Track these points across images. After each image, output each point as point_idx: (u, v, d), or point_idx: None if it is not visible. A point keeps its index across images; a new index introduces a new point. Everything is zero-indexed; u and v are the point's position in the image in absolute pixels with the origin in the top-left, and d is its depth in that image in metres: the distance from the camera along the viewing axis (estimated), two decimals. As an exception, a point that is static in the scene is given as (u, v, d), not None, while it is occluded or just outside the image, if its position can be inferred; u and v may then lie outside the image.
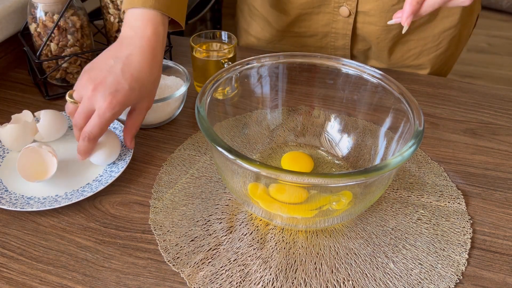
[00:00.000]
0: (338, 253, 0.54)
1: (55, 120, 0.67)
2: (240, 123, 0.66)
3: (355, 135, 0.66)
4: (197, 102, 0.54)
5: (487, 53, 2.53)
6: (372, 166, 0.50)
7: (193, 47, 0.76)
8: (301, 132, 0.69)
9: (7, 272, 0.52)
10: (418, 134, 0.50)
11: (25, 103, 0.78)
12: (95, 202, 0.60)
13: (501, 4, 2.86)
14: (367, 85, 0.61)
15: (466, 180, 0.65)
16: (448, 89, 0.83)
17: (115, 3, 0.80)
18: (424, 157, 0.68)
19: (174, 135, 0.71)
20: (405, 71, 0.89)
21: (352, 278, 0.52)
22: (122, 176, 0.64)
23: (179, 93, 0.70)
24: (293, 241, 0.55)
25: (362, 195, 0.52)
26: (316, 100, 0.68)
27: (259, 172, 0.46)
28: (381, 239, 0.56)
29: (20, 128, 0.64)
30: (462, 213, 0.59)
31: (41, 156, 0.62)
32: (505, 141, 0.72)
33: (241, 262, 0.53)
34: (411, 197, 0.61)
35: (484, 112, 0.78)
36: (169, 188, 0.62)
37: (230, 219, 0.58)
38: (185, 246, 0.54)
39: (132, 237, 0.56)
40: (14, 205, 0.57)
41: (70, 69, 0.80)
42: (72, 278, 0.51)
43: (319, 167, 0.65)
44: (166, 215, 0.58)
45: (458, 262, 0.53)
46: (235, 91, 0.64)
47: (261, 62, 0.63)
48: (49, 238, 0.56)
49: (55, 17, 0.75)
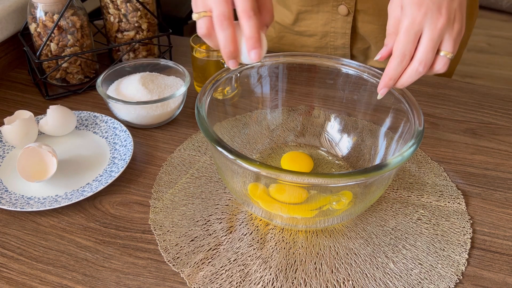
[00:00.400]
0: (338, 253, 0.54)
1: (65, 116, 0.68)
2: (240, 123, 0.66)
3: (355, 135, 0.66)
4: (197, 102, 0.54)
5: (487, 53, 2.53)
6: (372, 166, 0.50)
7: (193, 47, 0.76)
8: (301, 132, 0.69)
9: (7, 272, 0.52)
10: (418, 134, 0.50)
11: (25, 103, 0.78)
12: (95, 202, 0.60)
13: (501, 4, 2.86)
14: (367, 85, 0.61)
15: (466, 180, 0.65)
16: (448, 89, 0.83)
17: (115, 3, 0.80)
18: (424, 157, 0.68)
19: (174, 135, 0.71)
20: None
21: (352, 278, 0.52)
22: (122, 176, 0.64)
23: (179, 93, 0.70)
24: (293, 241, 0.55)
25: (362, 195, 0.52)
26: (316, 100, 0.68)
27: (259, 172, 0.46)
28: (381, 239, 0.56)
29: (24, 124, 0.65)
30: (462, 213, 0.59)
31: (41, 156, 0.62)
32: (505, 141, 0.72)
33: (241, 262, 0.53)
34: (411, 197, 0.61)
35: (484, 112, 0.78)
36: (169, 188, 0.62)
37: (230, 219, 0.58)
38: (185, 246, 0.54)
39: (132, 237, 0.56)
40: (14, 205, 0.57)
41: (70, 69, 0.81)
42: (72, 278, 0.51)
43: (319, 167, 0.65)
44: (166, 215, 0.58)
45: (458, 262, 0.53)
46: (235, 91, 0.64)
47: (261, 62, 0.63)
48: (49, 238, 0.56)
49: (55, 17, 0.75)
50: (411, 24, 0.49)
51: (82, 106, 0.77)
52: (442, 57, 0.51)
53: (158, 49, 0.89)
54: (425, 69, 0.51)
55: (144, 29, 0.83)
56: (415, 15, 0.48)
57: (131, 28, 0.82)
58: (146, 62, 0.78)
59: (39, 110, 0.75)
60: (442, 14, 0.49)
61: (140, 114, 0.69)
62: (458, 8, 0.50)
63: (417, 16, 0.48)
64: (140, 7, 0.80)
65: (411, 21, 0.49)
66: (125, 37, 0.83)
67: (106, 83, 0.74)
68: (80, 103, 0.78)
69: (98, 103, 0.78)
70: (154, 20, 0.84)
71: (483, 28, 2.68)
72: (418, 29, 0.49)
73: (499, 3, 2.86)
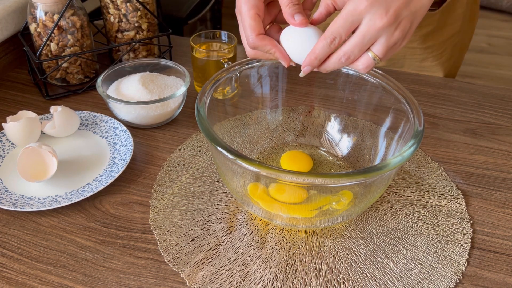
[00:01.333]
0: (338, 253, 0.54)
1: (70, 117, 0.68)
2: (240, 123, 0.66)
3: (355, 135, 0.66)
4: (197, 102, 0.54)
5: (487, 53, 2.53)
6: (372, 166, 0.50)
7: (193, 47, 0.76)
8: (301, 132, 0.69)
9: (7, 272, 0.52)
10: (418, 134, 0.50)
11: (25, 103, 0.78)
12: (95, 202, 0.60)
13: (501, 4, 2.86)
14: (367, 85, 0.61)
15: (466, 180, 0.65)
16: (448, 89, 0.83)
17: (115, 3, 0.80)
18: (424, 157, 0.68)
19: (174, 135, 0.71)
20: (405, 71, 0.89)
21: (352, 278, 0.52)
22: (122, 176, 0.64)
23: (179, 93, 0.70)
24: (293, 241, 0.55)
25: (362, 195, 0.52)
26: (316, 100, 0.68)
27: (259, 172, 0.46)
28: (381, 239, 0.56)
29: (29, 123, 0.65)
30: (462, 213, 0.59)
31: (41, 156, 0.62)
32: (505, 141, 0.72)
33: (241, 262, 0.53)
34: (411, 197, 0.61)
35: (484, 112, 0.78)
36: (169, 188, 0.62)
37: (230, 219, 0.58)
38: (185, 246, 0.54)
39: (132, 237, 0.56)
40: (14, 205, 0.57)
41: (70, 69, 0.81)
42: (72, 278, 0.51)
43: (319, 167, 0.65)
44: (166, 215, 0.58)
45: (458, 262, 0.53)
46: (235, 91, 0.64)
47: (261, 62, 0.63)
48: (49, 238, 0.56)
49: (55, 17, 0.75)
50: (352, 11, 0.46)
51: (82, 106, 0.77)
52: (368, 57, 0.48)
53: (158, 49, 0.89)
54: (347, 62, 0.48)
55: (144, 29, 0.83)
56: (360, 2, 0.45)
57: (131, 28, 0.82)
58: (146, 62, 0.78)
59: (39, 110, 0.75)
60: (387, 15, 0.45)
61: (140, 114, 0.69)
62: (408, 18, 0.47)
63: (361, 4, 0.45)
64: (140, 7, 0.80)
65: (353, 7, 0.46)
66: (125, 37, 0.83)
67: (106, 83, 0.74)
68: (80, 103, 0.78)
69: (98, 103, 0.78)
70: (154, 20, 0.84)
71: (483, 28, 2.68)
72: (357, 18, 0.46)
73: (499, 3, 2.86)
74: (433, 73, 0.90)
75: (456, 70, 0.96)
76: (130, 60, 0.78)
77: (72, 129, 0.69)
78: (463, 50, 0.93)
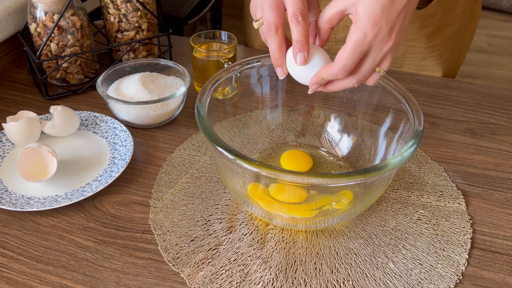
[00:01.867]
0: (338, 253, 0.54)
1: (70, 117, 0.68)
2: (240, 123, 0.66)
3: (355, 135, 0.66)
4: (197, 102, 0.54)
5: (487, 53, 2.53)
6: (372, 166, 0.50)
7: (193, 47, 0.76)
8: (301, 132, 0.69)
9: (7, 272, 0.52)
10: (418, 134, 0.50)
11: (25, 103, 0.78)
12: (95, 202, 0.60)
13: (501, 4, 2.86)
14: (367, 85, 0.61)
15: (466, 180, 0.65)
16: (448, 89, 0.83)
17: (115, 3, 0.80)
18: (424, 157, 0.68)
19: (174, 135, 0.71)
20: (405, 71, 0.89)
21: (352, 278, 0.52)
22: (122, 176, 0.64)
23: (179, 93, 0.70)
24: (293, 241, 0.55)
25: (362, 195, 0.52)
26: (316, 100, 0.68)
27: (259, 172, 0.46)
28: (381, 239, 0.56)
29: (30, 123, 0.65)
30: (462, 213, 0.59)
31: (41, 156, 0.62)
32: (505, 141, 0.72)
33: (241, 262, 0.53)
34: (411, 197, 0.61)
35: (484, 112, 0.78)
36: (169, 188, 0.62)
37: (230, 219, 0.58)
38: (185, 246, 0.54)
39: (132, 237, 0.56)
40: (14, 205, 0.57)
41: (70, 69, 0.81)
42: (72, 278, 0.51)
43: (319, 167, 0.65)
44: (166, 215, 0.58)
45: (458, 262, 0.53)
46: (235, 91, 0.64)
47: (261, 62, 0.63)
48: (49, 238, 0.56)
49: (55, 17, 0.75)
50: (360, 41, 0.47)
51: (82, 106, 0.77)
52: (377, 75, 0.51)
53: (158, 49, 0.89)
54: (358, 84, 0.51)
55: (144, 29, 0.83)
56: (367, 32, 0.47)
57: (131, 28, 0.82)
58: (146, 62, 0.78)
59: (39, 110, 0.75)
60: (391, 38, 0.48)
61: (140, 114, 0.69)
62: (404, 30, 0.49)
63: (368, 34, 0.47)
64: (140, 7, 0.80)
65: (361, 37, 0.47)
66: (125, 37, 0.83)
67: (106, 83, 0.74)
68: (80, 103, 0.78)
69: (98, 103, 0.78)
70: (154, 20, 0.84)
71: (483, 28, 2.68)
72: (366, 48, 0.48)
73: (499, 3, 2.86)
74: (432, 72, 0.90)
75: (456, 70, 0.96)
76: (130, 60, 0.78)
77: (72, 129, 0.69)
78: (464, 50, 0.93)
